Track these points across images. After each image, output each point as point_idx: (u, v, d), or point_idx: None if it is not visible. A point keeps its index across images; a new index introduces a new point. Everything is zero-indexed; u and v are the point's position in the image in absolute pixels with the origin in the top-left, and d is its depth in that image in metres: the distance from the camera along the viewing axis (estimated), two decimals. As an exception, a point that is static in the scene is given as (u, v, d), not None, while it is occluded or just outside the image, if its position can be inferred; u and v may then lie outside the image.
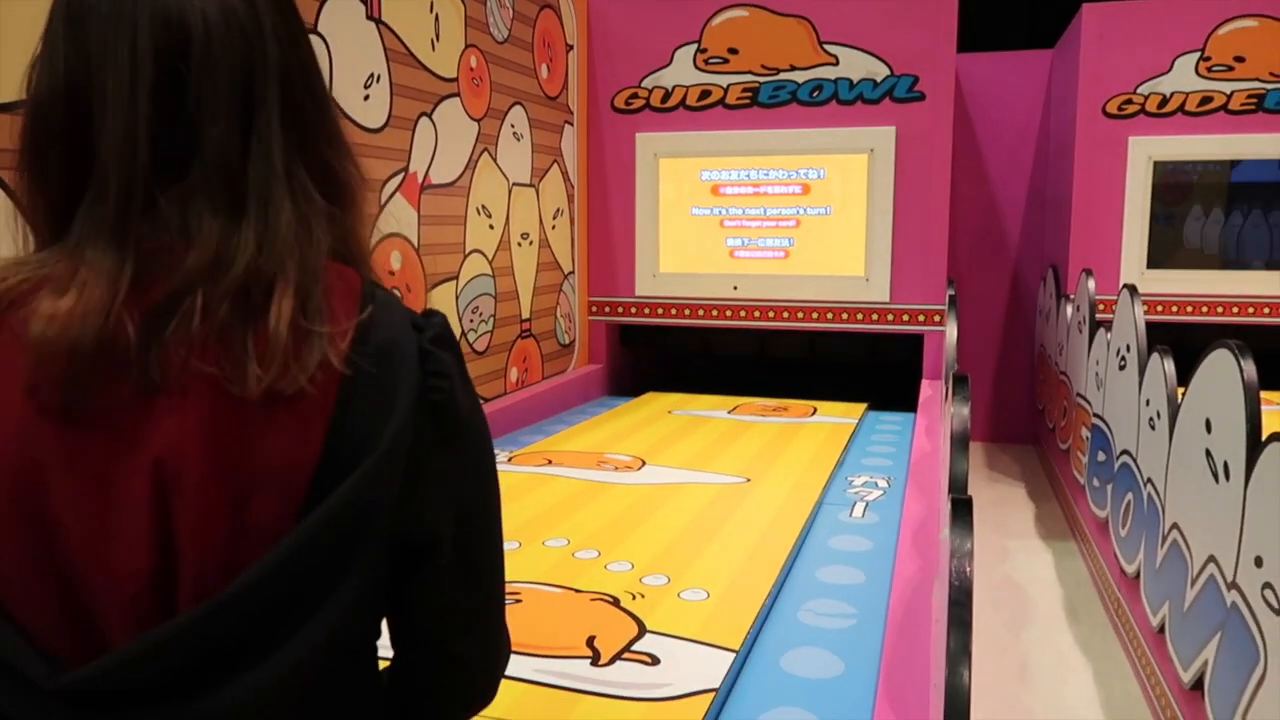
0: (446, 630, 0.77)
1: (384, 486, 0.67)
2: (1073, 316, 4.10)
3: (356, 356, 0.66)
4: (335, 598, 0.65)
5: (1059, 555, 3.74)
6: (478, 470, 0.75)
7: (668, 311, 4.65)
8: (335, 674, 0.71)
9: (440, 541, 0.72)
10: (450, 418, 0.71)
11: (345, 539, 0.65)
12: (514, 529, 2.41)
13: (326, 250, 0.69)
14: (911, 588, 1.96)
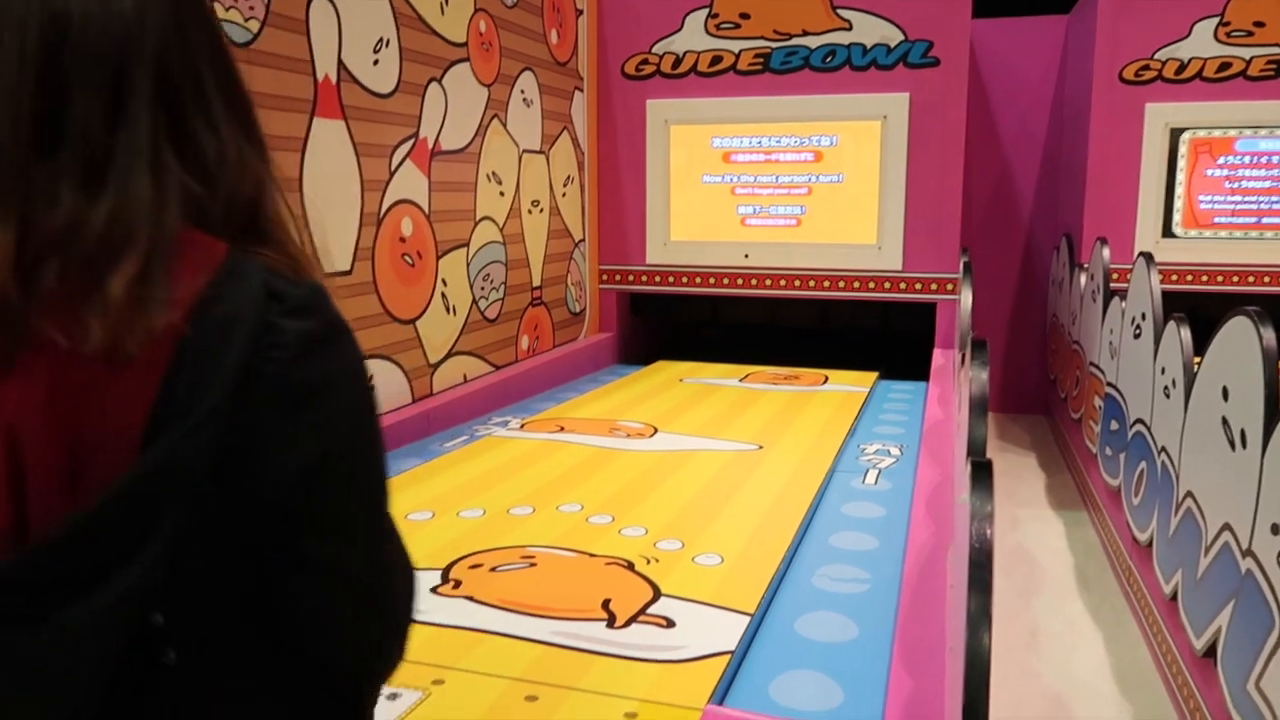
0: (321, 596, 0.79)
1: (199, 447, 0.70)
2: (1086, 285, 4.08)
3: (193, 326, 0.70)
4: (148, 545, 0.70)
5: (1069, 524, 3.74)
6: (327, 437, 0.76)
7: (678, 280, 4.64)
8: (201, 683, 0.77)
9: (286, 508, 0.75)
10: (285, 388, 0.73)
11: (149, 494, 0.70)
12: (527, 494, 2.41)
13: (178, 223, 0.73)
14: (926, 553, 1.96)
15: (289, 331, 0.73)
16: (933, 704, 1.38)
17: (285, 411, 0.73)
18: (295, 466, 0.74)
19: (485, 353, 3.70)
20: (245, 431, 0.72)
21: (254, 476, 0.73)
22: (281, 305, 0.74)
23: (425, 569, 1.92)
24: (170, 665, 0.77)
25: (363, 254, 2.92)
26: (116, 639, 0.73)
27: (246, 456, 0.72)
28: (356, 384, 0.79)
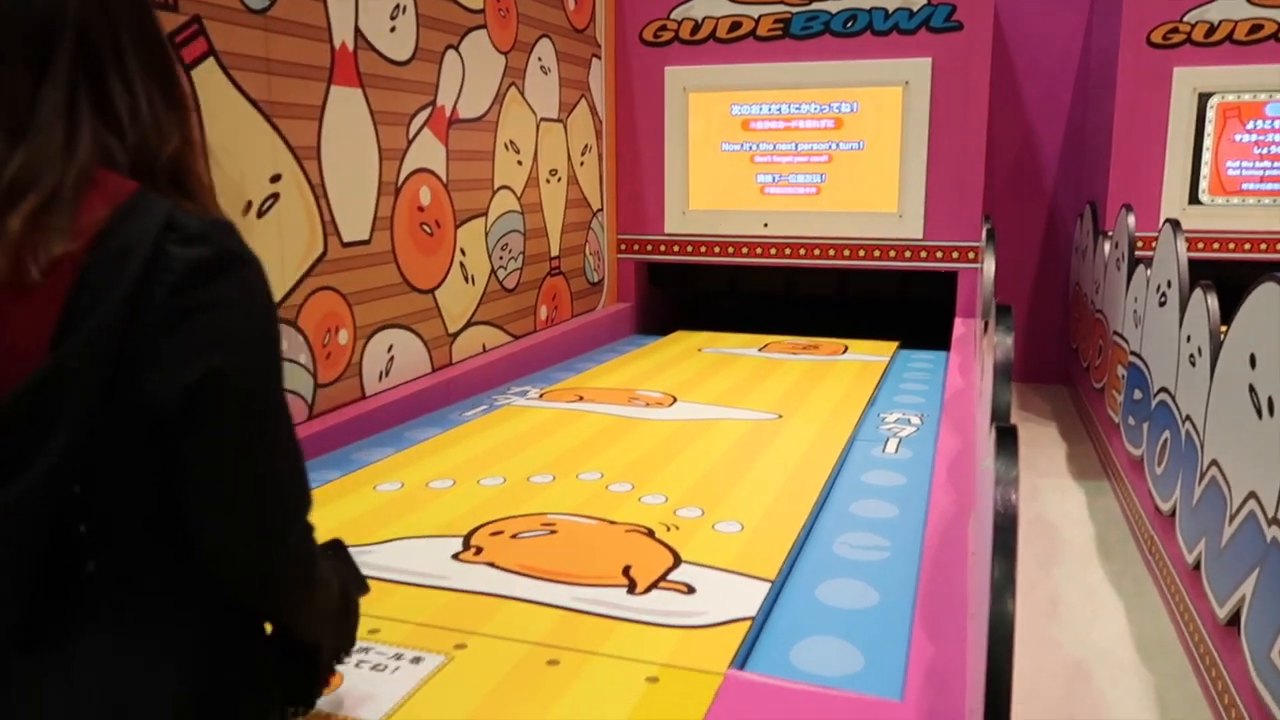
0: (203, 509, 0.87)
1: (87, 361, 0.80)
2: (1111, 253, 4.02)
3: (92, 254, 0.80)
4: (47, 448, 0.80)
5: (1091, 494, 3.72)
6: (210, 358, 0.83)
7: (697, 249, 4.61)
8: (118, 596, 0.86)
9: (174, 422, 0.83)
10: (169, 311, 0.82)
11: (44, 401, 0.80)
12: (547, 463, 2.42)
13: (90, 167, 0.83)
14: (947, 521, 1.95)
15: (179, 258, 0.82)
16: (955, 670, 1.38)
17: (169, 332, 0.82)
18: (180, 384, 0.82)
19: (504, 323, 3.70)
20: (134, 349, 0.81)
21: (143, 391, 0.82)
22: (177, 235, 0.83)
23: (446, 536, 1.93)
24: (90, 574, 0.87)
25: (381, 223, 2.92)
26: (32, 534, 0.82)
27: (136, 371, 0.81)
28: (246, 312, 0.87)
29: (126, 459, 0.86)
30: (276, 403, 0.91)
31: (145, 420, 0.84)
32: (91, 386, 0.80)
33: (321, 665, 1.12)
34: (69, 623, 0.86)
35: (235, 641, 0.96)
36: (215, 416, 0.85)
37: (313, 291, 2.63)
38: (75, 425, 0.81)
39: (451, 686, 1.35)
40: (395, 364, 3.02)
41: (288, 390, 2.54)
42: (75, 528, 0.86)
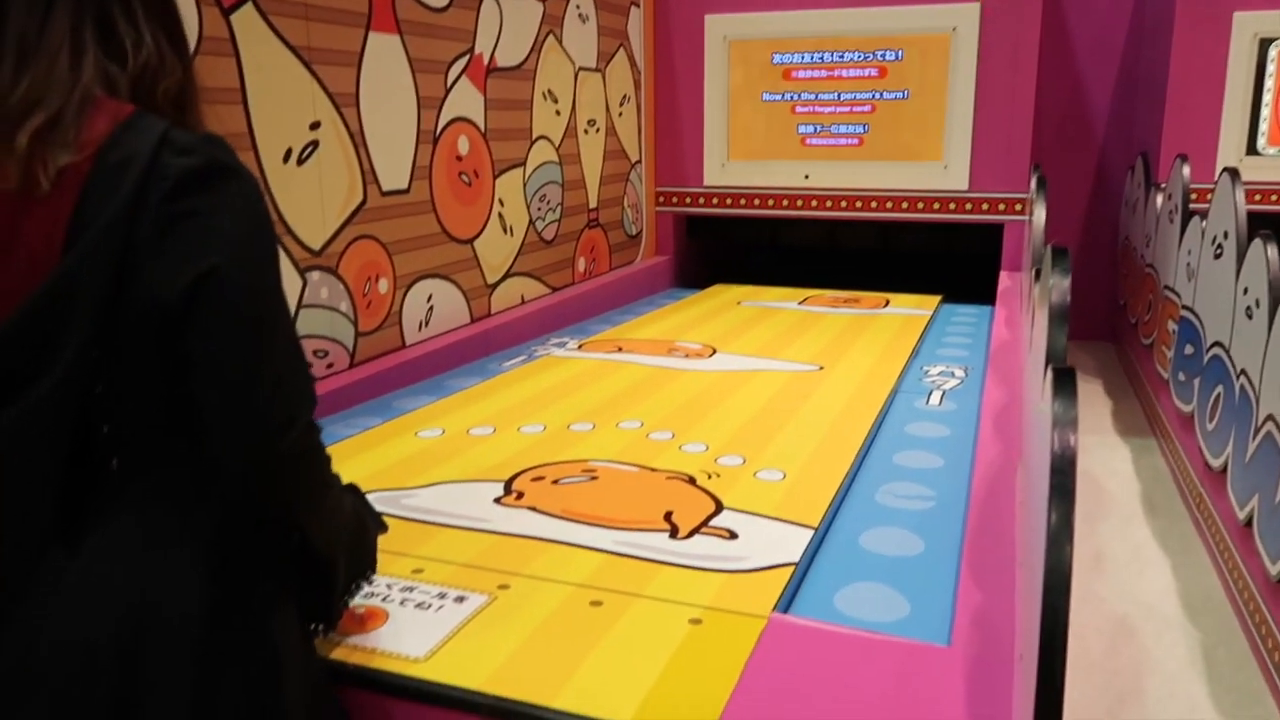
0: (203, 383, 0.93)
1: (93, 263, 0.87)
2: (1163, 205, 3.91)
3: (94, 167, 0.88)
4: (62, 351, 0.88)
5: (1137, 451, 3.65)
6: (207, 258, 0.89)
7: (736, 202, 4.55)
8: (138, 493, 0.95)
9: (179, 317, 0.90)
10: (167, 216, 0.89)
11: (56, 306, 0.88)
12: (587, 411, 2.42)
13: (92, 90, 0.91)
14: (994, 471, 1.92)
15: (174, 168, 0.89)
16: (1003, 618, 1.36)
17: (166, 236, 0.89)
18: (180, 283, 0.89)
19: (542, 274, 3.68)
20: (136, 253, 0.88)
21: (146, 291, 0.89)
22: (172, 148, 0.90)
23: (488, 481, 1.94)
24: (113, 472, 0.95)
25: (420, 173, 2.91)
26: (58, 433, 0.90)
27: (138, 273, 0.89)
28: (238, 216, 0.93)
29: (141, 360, 0.92)
30: (274, 300, 0.97)
31: (152, 320, 0.90)
32: (99, 288, 0.88)
33: (338, 584, 1.18)
34: (94, 517, 0.95)
35: (252, 539, 1.02)
36: (215, 313, 0.91)
37: (353, 240, 2.63)
38: (87, 325, 0.88)
39: (496, 624, 1.36)
40: (435, 314, 3.02)
41: (330, 338, 2.55)
42: (98, 428, 0.93)
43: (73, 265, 0.87)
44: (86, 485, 0.95)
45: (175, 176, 0.89)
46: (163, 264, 0.89)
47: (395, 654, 1.27)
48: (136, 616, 0.94)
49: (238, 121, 2.22)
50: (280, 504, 1.02)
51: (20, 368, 0.89)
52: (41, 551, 0.95)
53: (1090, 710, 2.11)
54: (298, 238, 2.42)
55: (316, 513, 1.08)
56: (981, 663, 1.25)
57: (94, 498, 0.95)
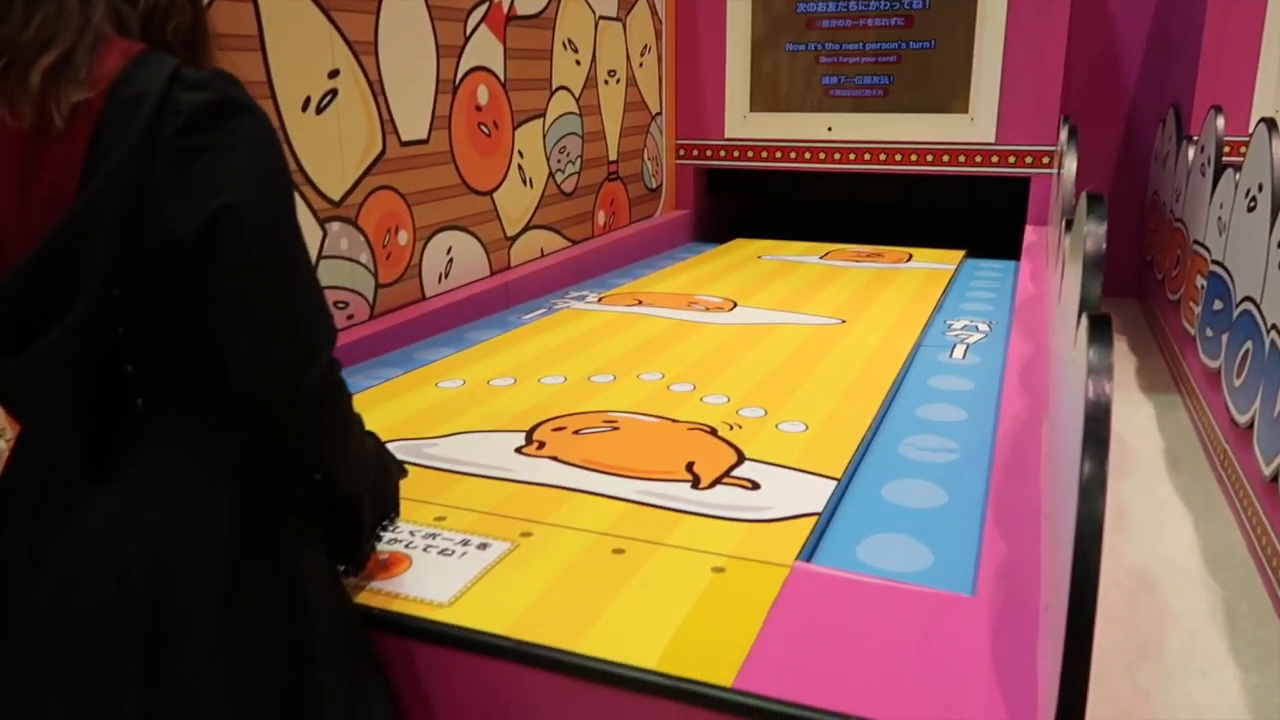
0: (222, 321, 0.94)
1: (108, 198, 0.88)
2: (1195, 158, 3.83)
3: (109, 103, 0.89)
4: (84, 285, 0.89)
5: (1161, 408, 3.62)
6: (221, 193, 0.90)
7: (758, 155, 4.49)
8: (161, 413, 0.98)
9: (197, 253, 0.90)
10: (181, 150, 0.89)
11: (75, 240, 0.88)
12: (607, 363, 2.41)
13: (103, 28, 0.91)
14: (1019, 424, 1.90)
15: (185, 102, 0.89)
16: (1028, 569, 1.35)
17: (179, 171, 0.89)
18: (195, 220, 0.89)
19: (562, 227, 3.66)
20: (150, 188, 0.89)
21: (163, 227, 0.90)
22: (183, 84, 0.90)
23: (509, 431, 1.94)
24: (139, 411, 0.97)
25: (439, 123, 2.88)
26: (82, 370, 0.92)
27: (154, 208, 0.89)
28: (250, 151, 0.93)
29: (161, 299, 0.94)
30: (289, 236, 0.97)
31: (169, 257, 0.91)
32: (115, 222, 0.89)
33: (364, 524, 1.20)
34: (122, 455, 0.97)
35: (277, 476, 1.05)
36: (231, 250, 0.91)
37: (372, 190, 2.61)
38: (105, 260, 0.89)
39: (519, 571, 1.36)
40: (454, 266, 3.01)
41: (350, 289, 2.55)
42: (122, 368, 0.95)
43: (89, 200, 0.88)
44: (114, 425, 0.97)
45: (188, 111, 0.89)
46: (177, 200, 0.90)
47: (420, 599, 1.28)
48: (167, 549, 0.97)
49: (256, 69, 2.20)
50: (304, 439, 1.04)
51: (43, 303, 0.90)
52: (73, 488, 0.98)
53: (1110, 663, 2.11)
54: (317, 187, 2.41)
55: (339, 450, 1.09)
56: (1006, 613, 1.24)
57: (121, 437, 0.97)
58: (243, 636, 1.00)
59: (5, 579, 1.01)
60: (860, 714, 1.04)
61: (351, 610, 1.20)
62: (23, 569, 0.99)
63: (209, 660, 0.98)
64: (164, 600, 0.96)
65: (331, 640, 1.08)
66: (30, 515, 1.00)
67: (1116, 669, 2.09)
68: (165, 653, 0.97)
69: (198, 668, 0.98)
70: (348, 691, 1.11)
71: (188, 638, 0.97)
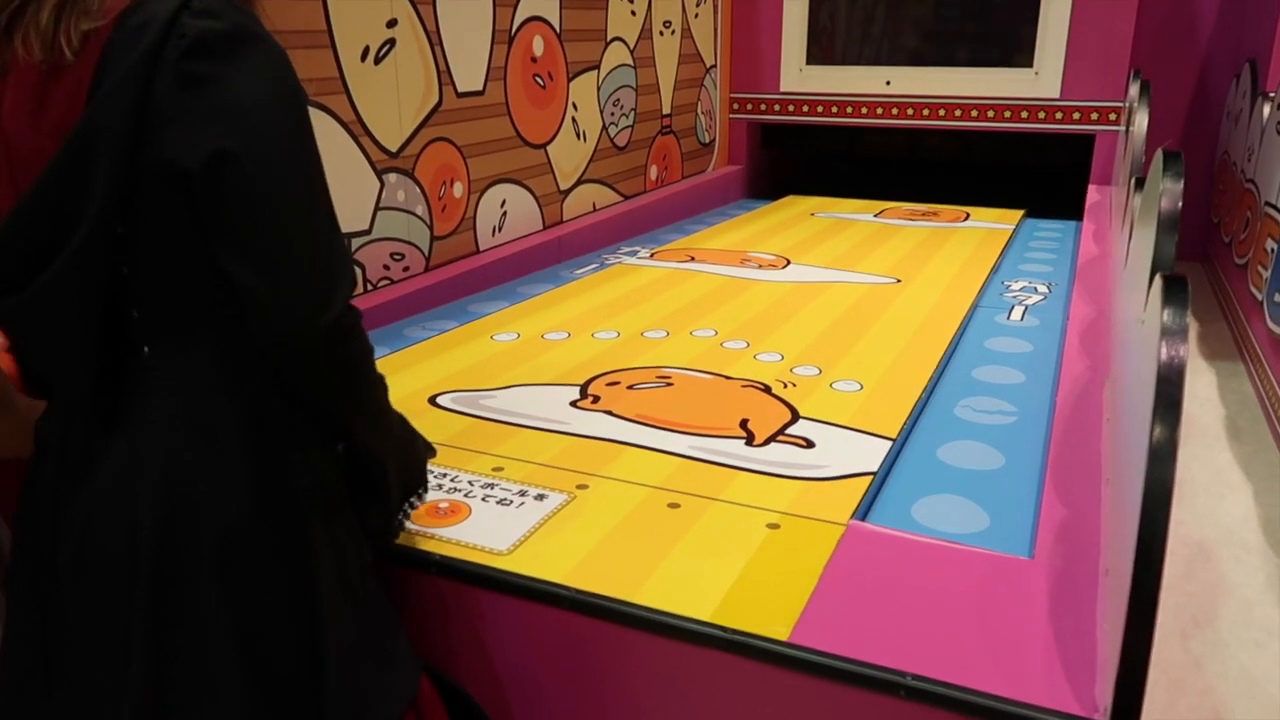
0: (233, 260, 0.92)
1: (109, 115, 0.87)
2: (1270, 116, 3.69)
3: (116, 32, 0.88)
4: (87, 206, 0.88)
5: (1223, 375, 3.54)
6: (222, 131, 0.88)
7: (813, 109, 4.42)
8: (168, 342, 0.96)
9: (194, 173, 0.88)
10: (184, 75, 0.88)
11: (77, 158, 0.87)
12: (660, 319, 2.41)
13: None
14: (1080, 387, 1.87)
15: (191, 28, 0.88)
16: (1087, 533, 1.34)
17: (182, 94, 0.88)
18: (199, 154, 0.87)
19: (614, 181, 3.64)
20: (156, 112, 0.87)
21: (166, 153, 0.88)
22: (192, 11, 0.88)
23: (564, 384, 1.95)
24: (146, 358, 0.96)
25: (495, 74, 2.87)
26: (87, 302, 0.91)
27: (157, 132, 0.88)
28: (259, 83, 0.90)
29: (168, 235, 0.92)
30: (303, 172, 0.94)
31: (175, 190, 0.90)
32: (114, 141, 0.87)
33: (392, 495, 1.16)
34: (129, 405, 0.96)
35: (295, 436, 1.02)
36: (239, 187, 0.89)
37: (429, 142, 2.61)
38: (106, 183, 0.87)
39: (576, 522, 1.38)
40: (508, 219, 3.02)
41: (406, 241, 2.57)
42: (129, 314, 0.94)
43: (87, 119, 0.87)
44: (122, 372, 0.96)
45: (194, 35, 0.88)
46: (179, 128, 0.88)
47: (480, 547, 1.31)
48: (172, 503, 0.96)
49: (316, 18, 2.20)
50: (320, 387, 1.01)
51: (47, 236, 0.89)
52: (93, 437, 0.97)
53: (1164, 631, 2.09)
54: (375, 138, 2.42)
55: (358, 402, 1.05)
56: (1065, 576, 1.23)
57: (130, 387, 0.97)
58: (246, 596, 0.98)
59: (36, 529, 1.01)
60: (917, 672, 1.05)
61: (374, 581, 1.14)
62: (49, 522, 1.00)
63: (213, 617, 0.97)
64: (167, 554, 0.96)
65: (344, 605, 1.05)
66: (55, 464, 1.00)
67: (1170, 637, 2.07)
68: (169, 607, 0.96)
69: (201, 623, 0.97)
70: (365, 658, 1.08)
71: (192, 593, 0.96)
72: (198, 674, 0.97)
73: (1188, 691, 1.91)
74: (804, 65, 4.37)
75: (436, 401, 1.86)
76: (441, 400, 1.86)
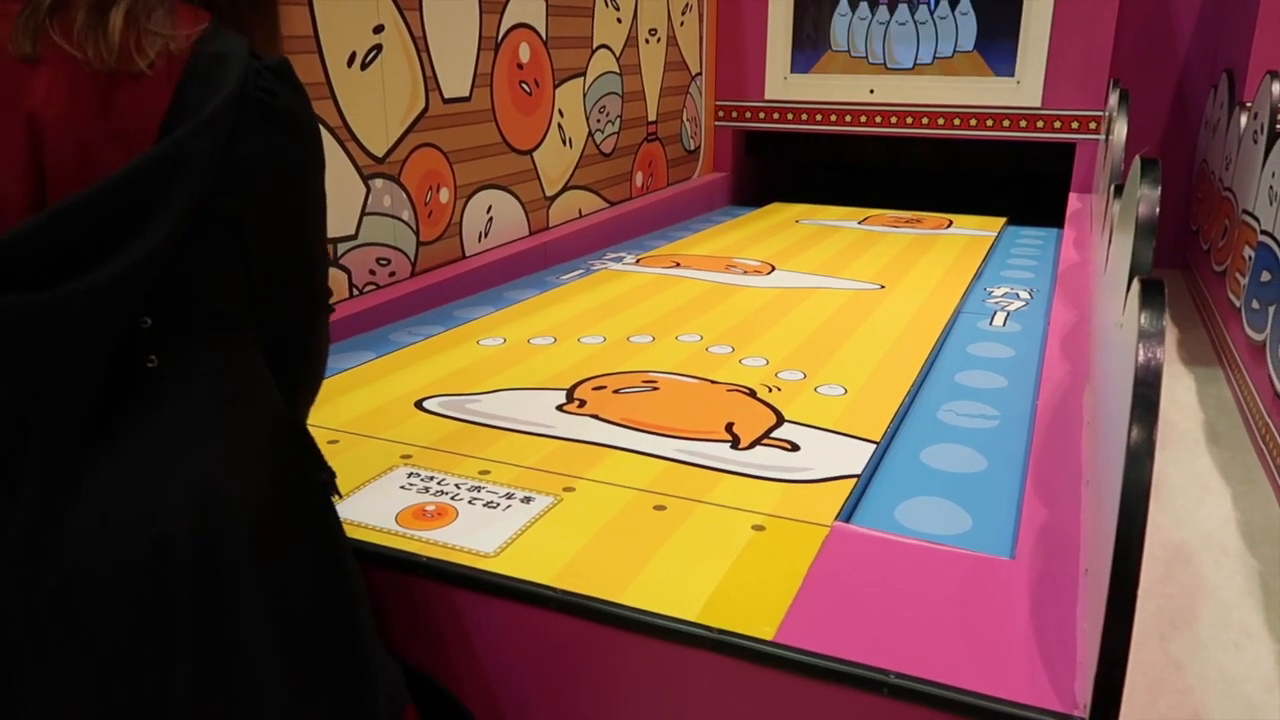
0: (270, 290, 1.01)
1: (201, 144, 0.88)
2: (1247, 126, 3.74)
3: (195, 55, 0.91)
4: (155, 223, 0.87)
5: (1202, 381, 3.58)
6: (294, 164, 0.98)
7: (798, 117, 4.45)
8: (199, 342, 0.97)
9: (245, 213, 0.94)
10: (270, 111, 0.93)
11: (162, 176, 0.87)
12: (645, 324, 2.42)
13: None
14: (1061, 392, 1.89)
15: (266, 75, 0.93)
16: (1068, 534, 1.36)
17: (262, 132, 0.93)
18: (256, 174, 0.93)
19: (600, 188, 3.66)
20: (238, 143, 0.91)
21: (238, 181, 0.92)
22: (261, 62, 0.94)
23: (550, 389, 1.96)
24: (152, 369, 0.93)
25: (481, 80, 2.88)
26: (112, 319, 0.88)
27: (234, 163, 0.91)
28: (315, 133, 1.01)
29: (203, 253, 0.94)
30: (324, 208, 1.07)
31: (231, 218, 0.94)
32: (207, 164, 0.89)
33: None
34: (130, 416, 0.93)
35: (301, 429, 1.09)
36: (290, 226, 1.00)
37: (415, 148, 2.62)
38: (189, 203, 0.89)
39: (563, 524, 1.39)
40: (494, 225, 3.03)
41: (392, 246, 2.57)
42: (140, 321, 0.92)
43: (181, 145, 0.88)
44: (122, 380, 0.92)
45: (272, 80, 0.94)
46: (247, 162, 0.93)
47: (467, 549, 1.31)
48: (206, 505, 0.94)
49: (303, 23, 2.21)
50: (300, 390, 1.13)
51: (90, 239, 0.87)
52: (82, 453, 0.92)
53: (1143, 633, 2.11)
54: (362, 144, 2.43)
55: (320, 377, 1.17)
56: (1046, 576, 1.25)
57: (131, 397, 0.93)
58: (287, 589, 1.00)
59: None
60: (901, 671, 1.06)
61: None
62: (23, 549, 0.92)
63: (260, 614, 0.97)
64: (205, 562, 0.93)
65: (363, 590, 1.11)
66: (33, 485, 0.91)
67: (1149, 639, 2.10)
68: (214, 612, 0.94)
69: (251, 620, 0.97)
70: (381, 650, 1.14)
71: (234, 594, 0.95)
72: (250, 669, 0.97)
73: (1167, 692, 1.93)
74: (788, 73, 4.40)
75: (423, 406, 1.86)
76: (428, 404, 1.87)
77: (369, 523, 1.38)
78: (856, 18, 4.27)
